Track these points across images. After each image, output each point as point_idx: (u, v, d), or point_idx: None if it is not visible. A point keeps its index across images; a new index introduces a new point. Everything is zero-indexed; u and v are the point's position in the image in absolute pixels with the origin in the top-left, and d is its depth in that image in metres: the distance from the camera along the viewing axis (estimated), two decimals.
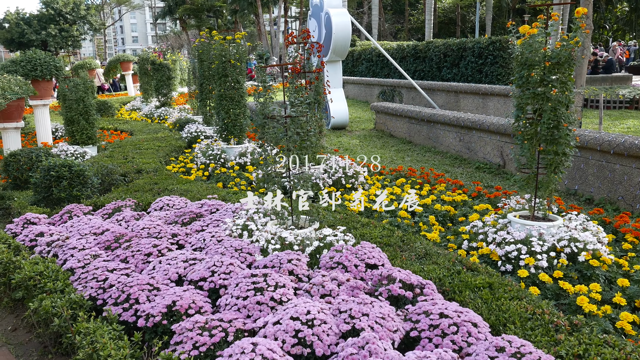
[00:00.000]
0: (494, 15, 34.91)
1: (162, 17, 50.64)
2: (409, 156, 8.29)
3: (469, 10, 39.67)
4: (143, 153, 7.72)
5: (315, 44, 5.88)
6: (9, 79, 7.62)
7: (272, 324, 2.64)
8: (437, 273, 3.32)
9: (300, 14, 40.63)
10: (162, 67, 13.20)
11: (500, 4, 36.15)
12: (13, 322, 3.58)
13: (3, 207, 5.75)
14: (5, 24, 45.08)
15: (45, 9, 45.59)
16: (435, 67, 14.76)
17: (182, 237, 4.06)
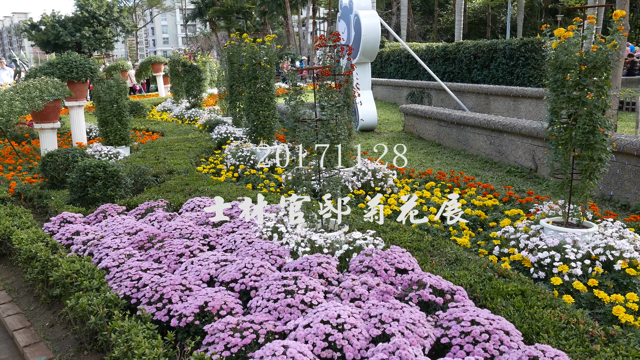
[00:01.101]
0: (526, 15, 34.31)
1: (192, 18, 51.39)
2: (438, 159, 8.22)
3: (499, 11, 39.08)
4: (174, 154, 7.85)
5: (345, 47, 5.88)
6: (46, 81, 7.84)
7: (303, 327, 2.65)
8: (468, 279, 3.29)
9: (328, 15, 40.71)
10: (192, 69, 13.39)
11: (532, 3, 35.53)
12: (50, 319, 3.69)
13: (40, 205, 5.92)
14: (41, 26, 46.34)
15: (80, 11, 46.71)
16: (465, 68, 14.59)
17: (213, 238, 4.12)
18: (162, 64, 20.79)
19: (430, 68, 13.49)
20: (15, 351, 3.40)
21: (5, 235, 4.51)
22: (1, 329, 3.69)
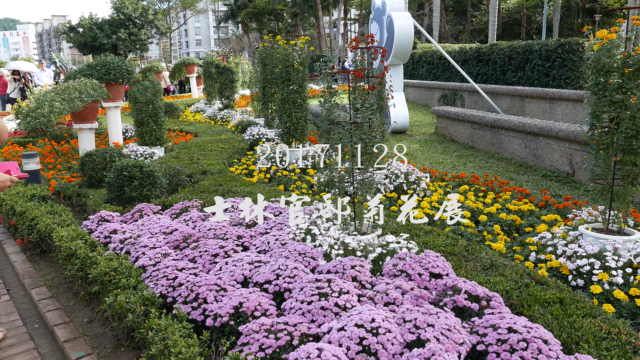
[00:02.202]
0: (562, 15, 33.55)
1: (224, 20, 52.12)
2: (471, 162, 8.11)
3: (534, 11, 38.32)
4: (207, 154, 7.95)
5: (378, 49, 5.87)
6: (85, 83, 8.05)
7: (337, 330, 2.65)
8: (503, 285, 3.24)
9: (359, 16, 40.65)
10: (225, 71, 13.55)
11: (569, 3, 34.74)
12: (89, 315, 3.78)
13: (79, 204, 6.08)
14: (79, 29, 47.61)
15: (116, 14, 47.81)
16: (499, 70, 14.36)
17: (247, 239, 4.15)
18: (195, 65, 21.11)
19: (463, 69, 13.33)
20: (55, 346, 3.49)
21: (46, 232, 4.65)
22: (42, 324, 3.80)
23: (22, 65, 17.24)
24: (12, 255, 5.01)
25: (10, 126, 12.52)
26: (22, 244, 5.20)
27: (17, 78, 16.14)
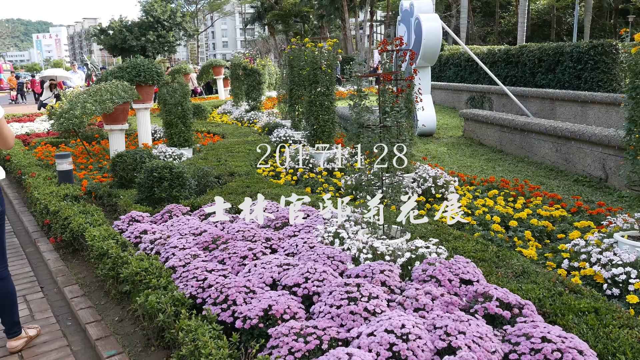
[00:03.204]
0: (594, 16, 32.85)
1: (251, 22, 52.49)
2: (500, 166, 8.00)
3: (565, 12, 37.62)
4: (235, 156, 8.01)
5: (407, 51, 5.82)
6: (116, 84, 8.20)
7: (366, 335, 2.64)
8: (536, 293, 3.18)
9: (386, 17, 40.49)
10: (252, 73, 13.64)
11: (601, 4, 34.00)
12: (119, 314, 3.84)
13: (110, 203, 6.19)
14: (109, 31, 48.54)
15: (146, 16, 48.59)
16: (528, 72, 14.13)
17: (275, 241, 4.17)
18: (223, 67, 21.31)
19: (491, 72, 13.15)
20: (87, 344, 3.56)
21: (79, 231, 4.74)
22: (74, 322, 3.88)
23: (56, 72, 17.66)
24: (46, 254, 5.13)
25: (44, 127, 12.84)
26: (55, 242, 5.32)
27: (53, 85, 16.54)
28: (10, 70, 45.43)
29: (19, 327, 3.46)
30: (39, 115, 15.67)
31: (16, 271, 4.88)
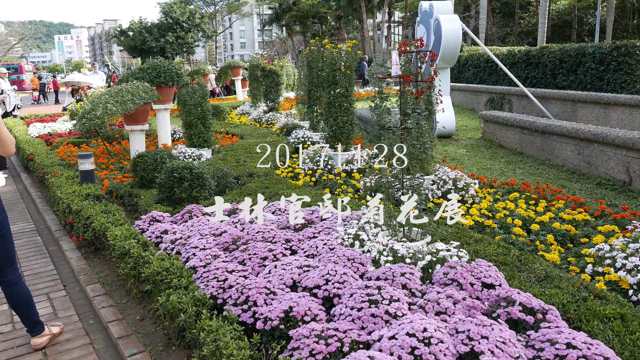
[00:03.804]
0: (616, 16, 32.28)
1: (269, 23, 52.70)
2: (520, 168, 7.90)
3: (586, 12, 37.05)
4: (253, 157, 8.04)
5: (427, 53, 5.79)
6: (137, 85, 8.29)
7: (388, 339, 2.62)
8: (560, 298, 3.13)
9: (404, 18, 40.32)
10: (271, 74, 13.68)
11: (623, 4, 33.38)
12: (140, 313, 3.88)
13: (131, 203, 6.26)
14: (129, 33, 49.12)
15: (165, 18, 49.09)
16: (549, 74, 13.96)
17: (295, 243, 4.17)
18: (241, 68, 21.42)
19: (511, 73, 13.02)
20: (109, 342, 3.60)
21: (101, 231, 4.80)
22: (96, 320, 3.92)
23: (78, 78, 17.92)
24: (68, 252, 5.20)
25: (65, 127, 13.03)
26: (77, 241, 5.39)
27: (75, 90, 16.79)
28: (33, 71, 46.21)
29: (40, 325, 3.50)
30: (61, 115, 15.91)
31: (39, 269, 4.95)
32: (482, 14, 28.35)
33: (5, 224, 3.20)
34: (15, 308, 3.39)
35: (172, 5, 49.50)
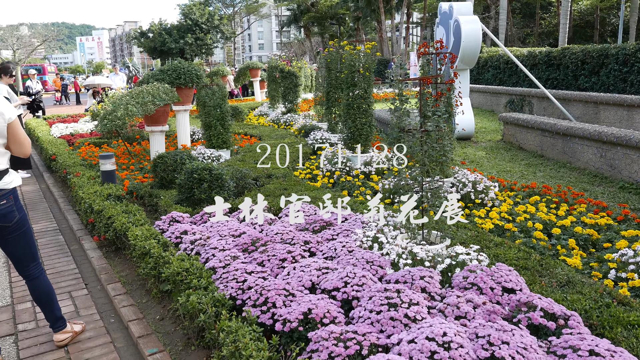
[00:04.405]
0: None
1: (287, 25, 52.90)
2: (540, 171, 7.81)
3: (609, 12, 36.46)
4: (272, 158, 8.06)
5: (447, 55, 5.76)
6: (157, 87, 8.37)
7: (407, 342, 2.61)
8: (582, 304, 3.08)
9: (422, 19, 40.14)
10: (289, 75, 13.72)
11: None
12: (160, 312, 3.92)
13: (151, 204, 6.32)
14: (149, 34, 49.65)
15: (184, 19, 49.51)
16: (570, 75, 13.76)
17: (314, 244, 4.17)
18: (259, 69, 21.52)
19: (532, 74, 12.87)
20: (129, 341, 3.64)
21: (122, 231, 4.86)
22: (117, 319, 3.98)
23: (98, 80, 18.21)
24: (89, 252, 5.28)
25: (87, 127, 13.23)
26: (99, 240, 5.46)
27: (96, 92, 17.05)
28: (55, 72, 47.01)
29: (63, 321, 3.56)
30: (82, 116, 16.16)
31: (62, 268, 5.04)
32: (501, 14, 28.09)
33: (25, 222, 3.28)
34: (38, 302, 3.46)
35: (191, 7, 49.90)
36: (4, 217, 3.10)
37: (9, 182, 3.13)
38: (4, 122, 3.04)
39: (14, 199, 3.17)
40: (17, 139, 3.13)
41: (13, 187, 3.17)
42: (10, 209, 3.14)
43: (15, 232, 3.21)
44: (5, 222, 3.12)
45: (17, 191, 3.24)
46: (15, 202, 3.19)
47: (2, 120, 3.03)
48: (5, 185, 3.10)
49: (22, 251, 3.29)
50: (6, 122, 3.05)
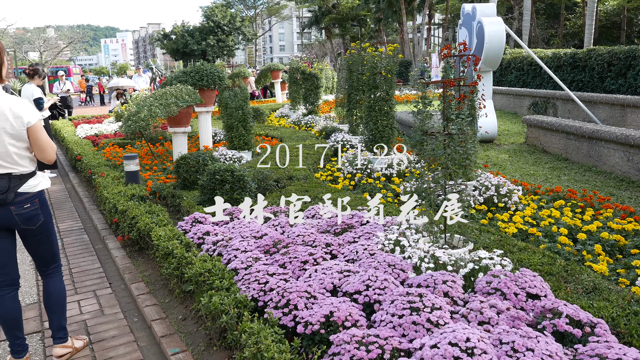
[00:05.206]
0: None
1: (308, 26, 53.00)
2: (565, 175, 7.69)
3: (636, 13, 35.71)
4: (293, 160, 8.09)
5: (471, 57, 5.71)
6: (180, 89, 8.47)
7: (429, 347, 2.59)
8: (609, 311, 3.03)
9: (444, 21, 39.85)
10: (310, 77, 13.74)
11: None
12: (183, 312, 3.96)
13: (173, 204, 6.39)
14: (172, 36, 50.27)
15: (206, 21, 50.00)
16: (596, 77, 13.52)
17: (335, 247, 4.17)
18: (280, 71, 21.60)
19: (556, 76, 12.68)
20: (152, 340, 3.68)
21: (145, 231, 4.92)
22: (140, 318, 4.03)
23: (122, 82, 18.51)
24: (113, 251, 5.36)
25: (111, 128, 13.44)
26: (122, 240, 5.54)
27: (120, 94, 17.33)
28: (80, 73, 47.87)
29: (65, 332, 3.44)
30: (107, 117, 16.42)
31: (87, 267, 5.12)
32: (525, 15, 27.73)
33: (49, 225, 3.25)
34: (48, 304, 3.37)
35: (213, 9, 50.39)
36: (28, 220, 3.09)
37: (34, 186, 3.09)
38: (23, 126, 2.97)
39: (39, 202, 3.13)
40: (39, 144, 3.05)
41: (39, 191, 3.13)
42: (35, 212, 3.11)
43: (39, 235, 3.19)
44: (30, 225, 3.11)
45: (44, 194, 3.21)
46: (41, 205, 3.15)
47: (20, 123, 2.95)
48: (29, 188, 3.06)
49: (44, 252, 3.30)
50: (25, 125, 2.97)
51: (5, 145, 2.93)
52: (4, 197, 2.98)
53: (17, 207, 3.03)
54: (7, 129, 2.92)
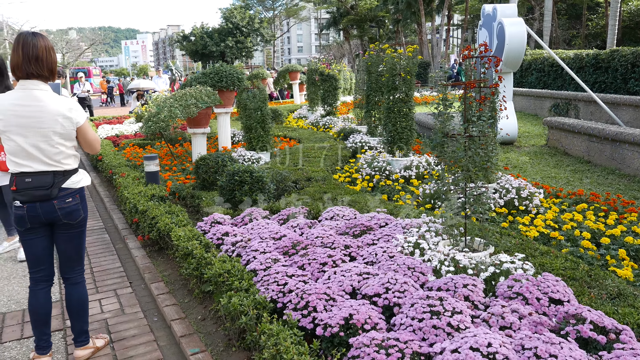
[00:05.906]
0: None
1: (326, 27, 53.05)
2: (587, 178, 7.56)
3: None
4: (311, 161, 8.09)
5: (492, 58, 5.64)
6: (200, 90, 8.53)
7: (450, 352, 2.57)
8: (634, 318, 2.97)
9: (464, 22, 39.56)
10: (329, 78, 13.74)
11: None
12: (202, 312, 3.98)
13: (192, 204, 6.44)
14: (191, 37, 50.66)
15: (225, 23, 50.29)
16: (620, 78, 13.28)
17: (354, 249, 4.16)
18: (299, 72, 21.65)
19: (578, 77, 12.49)
20: (172, 340, 3.71)
21: (165, 231, 4.96)
22: (160, 317, 4.06)
23: (142, 84, 18.76)
24: (134, 251, 5.41)
25: (132, 129, 13.60)
26: (143, 240, 5.60)
27: (140, 95, 17.56)
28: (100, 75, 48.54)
29: (87, 336, 3.48)
30: (127, 117, 16.62)
31: (107, 266, 5.18)
32: (546, 16, 27.39)
33: (85, 222, 3.36)
34: (70, 310, 3.40)
35: (232, 11, 50.68)
36: (69, 215, 3.18)
37: (76, 182, 3.21)
38: (73, 127, 3.12)
39: (80, 197, 3.25)
40: (87, 141, 3.25)
41: (80, 187, 3.26)
42: (76, 207, 3.22)
43: (76, 229, 3.28)
44: (70, 220, 3.21)
45: (84, 190, 3.32)
46: (82, 201, 3.27)
47: (71, 124, 3.10)
48: (72, 184, 3.19)
49: (74, 250, 3.36)
50: (75, 126, 3.13)
51: (55, 144, 3.06)
52: (49, 192, 3.08)
53: (60, 202, 3.13)
54: (57, 129, 3.05)
